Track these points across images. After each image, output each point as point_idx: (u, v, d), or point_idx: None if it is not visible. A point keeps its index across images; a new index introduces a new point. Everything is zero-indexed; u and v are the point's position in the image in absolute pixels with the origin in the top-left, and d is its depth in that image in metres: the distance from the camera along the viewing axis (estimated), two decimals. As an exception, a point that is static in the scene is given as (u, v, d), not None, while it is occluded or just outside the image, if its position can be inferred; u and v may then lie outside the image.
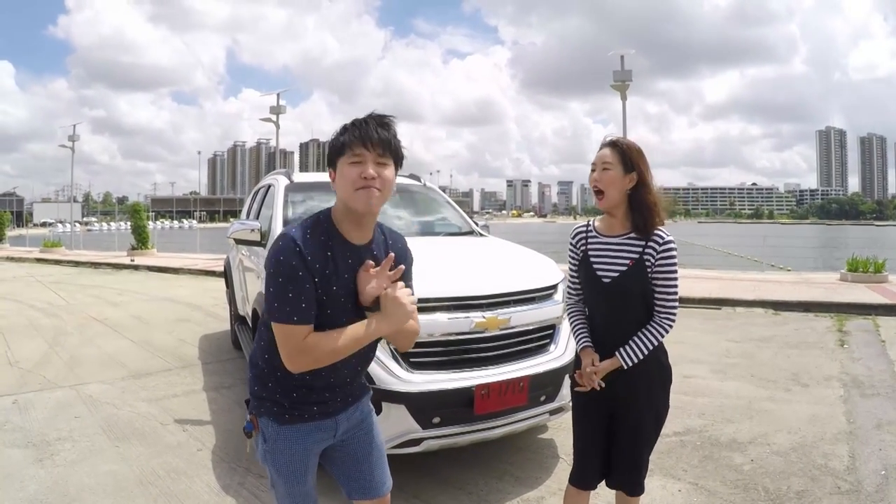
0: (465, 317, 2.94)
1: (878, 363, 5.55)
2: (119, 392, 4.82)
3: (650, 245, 1.98)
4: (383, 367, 2.82)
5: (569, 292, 2.27)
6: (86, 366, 5.63)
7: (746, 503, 2.96)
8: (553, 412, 3.20)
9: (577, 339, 2.15)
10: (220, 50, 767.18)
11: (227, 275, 6.39)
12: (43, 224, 67.88)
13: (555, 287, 3.37)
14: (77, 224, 34.83)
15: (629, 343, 1.99)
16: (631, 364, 1.98)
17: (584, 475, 2.12)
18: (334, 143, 1.57)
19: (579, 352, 2.12)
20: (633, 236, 2.02)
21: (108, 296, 10.50)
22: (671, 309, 1.99)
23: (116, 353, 6.10)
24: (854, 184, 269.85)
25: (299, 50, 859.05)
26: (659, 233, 1.99)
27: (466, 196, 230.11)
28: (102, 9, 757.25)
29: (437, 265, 3.23)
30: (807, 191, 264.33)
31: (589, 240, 2.12)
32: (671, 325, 2.00)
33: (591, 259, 2.07)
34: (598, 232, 2.12)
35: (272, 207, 4.37)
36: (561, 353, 3.23)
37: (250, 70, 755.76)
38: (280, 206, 4.21)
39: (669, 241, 1.98)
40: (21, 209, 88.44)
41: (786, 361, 5.65)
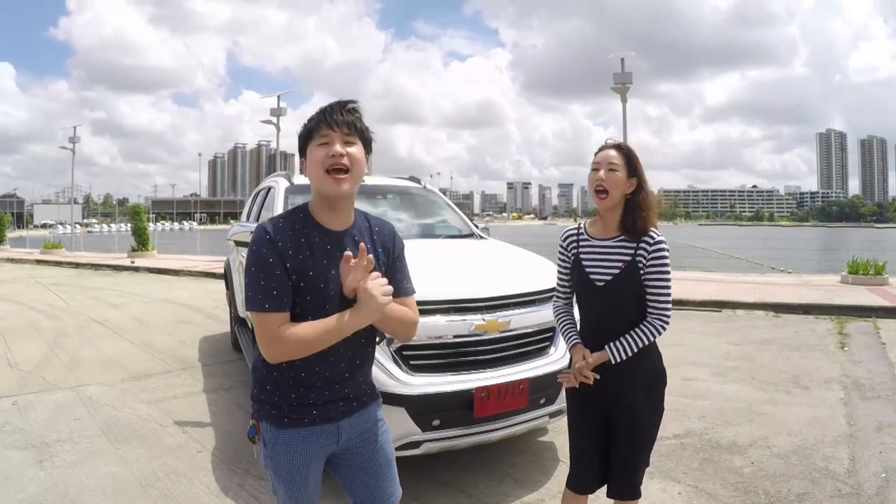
0: (465, 319, 2.94)
1: (879, 365, 5.54)
2: (119, 394, 4.82)
3: (641, 246, 1.99)
4: (383, 370, 2.82)
5: (556, 295, 2.27)
6: (86, 367, 5.63)
7: (747, 506, 2.96)
8: (553, 415, 3.20)
9: (566, 338, 2.15)
10: (220, 52, 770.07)
11: (228, 277, 6.39)
12: (43, 226, 67.95)
13: (554, 290, 3.36)
14: (77, 226, 34.84)
15: (620, 339, 1.98)
16: (619, 359, 1.97)
17: (582, 479, 2.12)
18: (302, 132, 1.60)
19: (570, 349, 2.12)
20: (623, 239, 2.02)
21: (108, 297, 10.51)
22: (664, 310, 1.98)
23: (116, 355, 6.10)
24: (854, 186, 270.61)
25: (300, 52, 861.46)
26: (650, 233, 2.00)
27: (467, 198, 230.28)
28: (103, 11, 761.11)
29: (436, 268, 3.24)
30: (807, 193, 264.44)
31: (580, 243, 2.12)
32: (664, 326, 1.99)
33: (584, 262, 2.07)
34: (589, 235, 2.12)
35: (272, 209, 4.37)
36: (561, 355, 3.22)
37: (251, 72, 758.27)
38: (280, 209, 4.22)
39: (661, 242, 1.99)
40: (21, 211, 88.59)
41: (786, 364, 5.64)
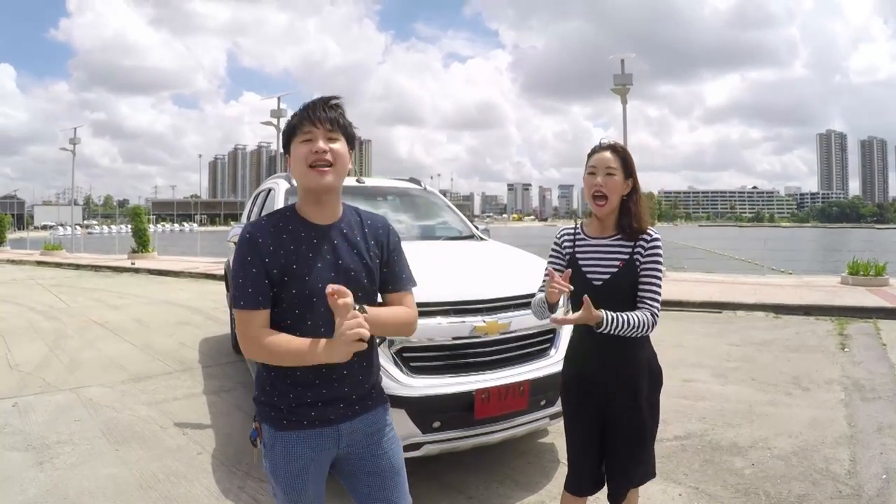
0: (466, 321, 2.94)
1: (879, 366, 5.54)
2: (119, 395, 4.82)
3: (639, 244, 2.00)
4: (383, 372, 2.80)
5: (541, 289, 2.16)
6: (86, 369, 5.63)
7: (747, 508, 2.96)
8: (553, 416, 3.19)
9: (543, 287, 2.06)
10: (220, 53, 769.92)
11: (228, 278, 6.39)
12: (44, 227, 68.09)
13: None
14: (78, 227, 34.84)
15: (616, 313, 1.89)
16: (608, 328, 1.87)
17: (580, 482, 2.11)
18: (286, 128, 1.62)
19: (547, 276, 1.98)
20: (620, 237, 2.04)
21: (108, 299, 10.51)
22: (656, 302, 1.96)
23: (116, 357, 6.10)
24: (855, 187, 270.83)
25: (300, 53, 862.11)
26: (647, 231, 2.02)
27: (467, 200, 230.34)
28: (104, 12, 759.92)
29: (437, 269, 3.23)
30: (807, 194, 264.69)
31: (577, 242, 2.11)
32: (655, 319, 1.94)
33: (580, 261, 2.07)
34: (586, 234, 2.11)
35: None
36: (561, 357, 3.20)
37: (251, 73, 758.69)
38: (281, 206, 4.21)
39: (657, 239, 2.01)
40: (22, 212, 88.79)
41: (787, 365, 5.64)
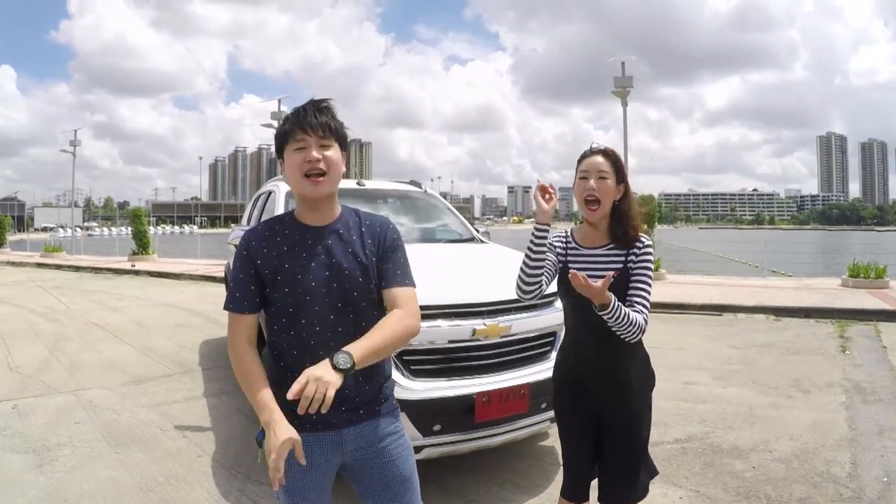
0: (466, 324, 2.94)
1: (880, 369, 5.54)
2: (119, 398, 4.82)
3: (632, 251, 1.98)
4: (384, 374, 2.81)
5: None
6: (86, 371, 5.63)
7: (748, 511, 2.95)
8: (554, 419, 3.17)
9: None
10: (221, 55, 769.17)
11: (227, 281, 6.38)
12: (44, 229, 68.10)
13: (555, 294, 3.34)
14: (78, 229, 34.83)
15: (619, 304, 1.83)
16: (612, 312, 1.79)
17: (575, 487, 2.10)
18: (278, 134, 1.61)
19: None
20: (614, 246, 2.00)
21: (108, 301, 10.51)
22: (645, 311, 1.92)
23: (117, 359, 6.10)
24: (855, 189, 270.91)
25: (301, 56, 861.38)
26: (640, 238, 2.00)
27: (467, 202, 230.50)
28: (104, 14, 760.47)
29: (437, 272, 3.23)
30: (808, 196, 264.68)
31: (569, 252, 2.05)
32: (645, 326, 1.90)
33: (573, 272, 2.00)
34: (577, 244, 2.06)
35: (273, 213, 4.37)
36: (562, 359, 3.22)
37: (252, 76, 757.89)
38: (281, 212, 4.21)
39: (649, 246, 2.00)
40: (22, 214, 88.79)
41: (787, 368, 5.64)
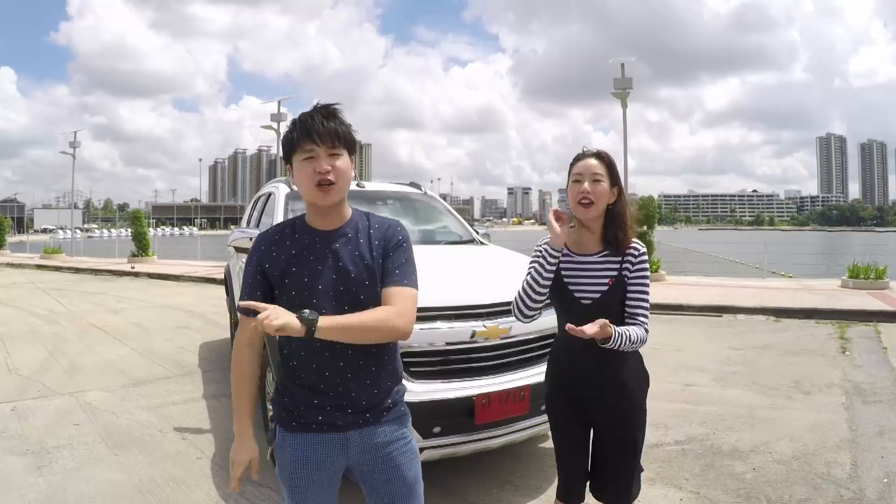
0: (466, 326, 2.94)
1: (880, 370, 5.54)
2: (119, 400, 4.81)
3: (627, 259, 1.94)
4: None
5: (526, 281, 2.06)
6: (85, 373, 5.62)
7: (748, 513, 2.95)
8: (553, 421, 3.18)
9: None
10: (221, 57, 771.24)
11: (228, 282, 6.38)
12: (43, 230, 68.02)
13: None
14: (78, 230, 34.82)
15: (620, 329, 1.83)
16: (614, 344, 1.80)
17: (570, 489, 2.09)
18: (285, 141, 1.59)
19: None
20: (607, 253, 1.96)
21: (108, 303, 10.51)
22: (645, 321, 1.92)
23: (116, 361, 6.09)
24: (854, 190, 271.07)
25: (300, 57, 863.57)
26: (634, 245, 1.96)
27: (467, 204, 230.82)
28: (104, 16, 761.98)
29: (437, 274, 3.23)
30: (807, 197, 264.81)
31: (561, 259, 2.00)
32: (646, 336, 1.91)
33: (566, 281, 1.98)
34: (570, 251, 2.00)
35: (273, 215, 4.37)
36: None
37: (251, 77, 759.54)
38: (280, 215, 4.22)
39: (644, 252, 1.97)
40: (22, 215, 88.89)
41: (787, 369, 5.63)
